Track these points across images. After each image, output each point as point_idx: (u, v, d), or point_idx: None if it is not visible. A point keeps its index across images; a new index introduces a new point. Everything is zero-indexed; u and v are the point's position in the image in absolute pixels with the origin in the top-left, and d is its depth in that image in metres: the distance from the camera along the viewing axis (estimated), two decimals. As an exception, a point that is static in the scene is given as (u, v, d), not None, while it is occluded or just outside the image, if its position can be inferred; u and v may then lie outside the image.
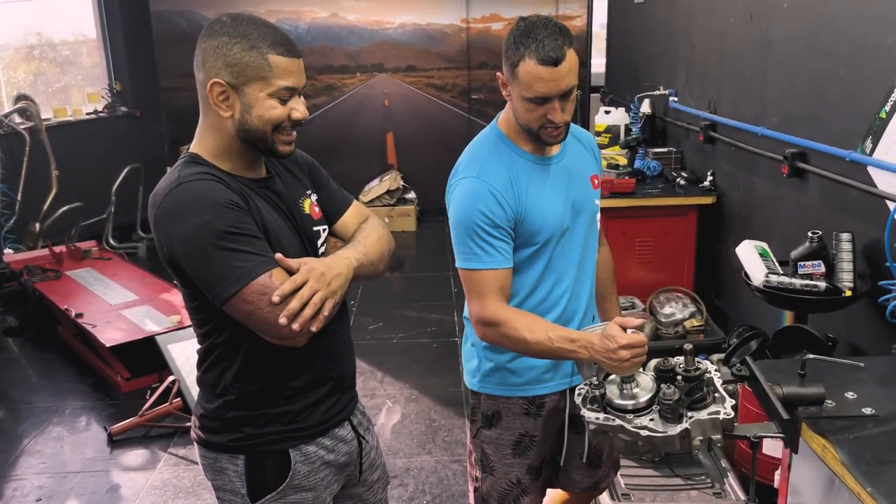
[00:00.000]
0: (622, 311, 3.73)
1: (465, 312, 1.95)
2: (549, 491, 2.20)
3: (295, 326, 1.30)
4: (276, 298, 1.30)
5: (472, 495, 2.00)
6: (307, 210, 1.54)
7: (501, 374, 1.85)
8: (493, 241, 1.68)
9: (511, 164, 1.74)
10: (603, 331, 1.55)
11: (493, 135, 1.80)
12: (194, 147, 1.44)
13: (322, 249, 1.56)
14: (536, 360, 1.82)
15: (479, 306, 1.70)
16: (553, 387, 1.85)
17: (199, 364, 1.52)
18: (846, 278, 2.45)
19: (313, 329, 1.34)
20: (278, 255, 1.36)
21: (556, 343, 1.61)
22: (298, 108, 1.40)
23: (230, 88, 1.36)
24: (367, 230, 1.60)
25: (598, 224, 1.91)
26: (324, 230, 1.58)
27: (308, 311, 1.32)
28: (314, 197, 1.58)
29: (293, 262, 1.36)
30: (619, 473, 2.50)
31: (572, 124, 1.92)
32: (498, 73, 1.74)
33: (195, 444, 1.57)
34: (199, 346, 1.51)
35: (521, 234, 1.73)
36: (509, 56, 1.65)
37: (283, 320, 1.29)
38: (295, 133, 1.44)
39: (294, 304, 1.31)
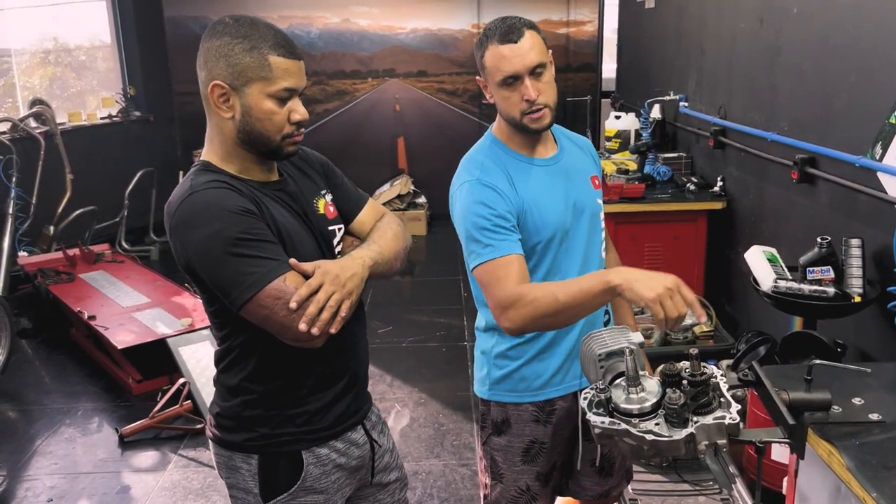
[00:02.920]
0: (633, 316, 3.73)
1: (477, 322, 1.95)
2: (559, 499, 2.19)
3: (315, 331, 1.32)
4: (293, 304, 1.31)
5: (482, 502, 2.00)
6: (322, 210, 1.55)
7: (511, 382, 1.84)
8: (499, 230, 1.67)
9: (508, 166, 1.75)
10: None
11: (489, 141, 1.82)
12: (205, 154, 1.46)
13: (339, 249, 1.57)
14: (546, 366, 1.82)
15: (497, 292, 1.63)
16: (563, 389, 1.85)
17: (217, 364, 1.53)
18: (855, 284, 2.44)
19: (332, 331, 1.35)
20: (292, 261, 1.37)
21: (585, 283, 1.55)
22: (297, 110, 1.41)
23: (230, 90, 1.37)
24: (383, 228, 1.61)
25: (603, 224, 1.90)
26: (339, 229, 1.59)
27: (326, 315, 1.33)
28: (329, 197, 1.59)
29: (307, 266, 1.37)
30: (630, 480, 2.49)
31: (567, 131, 1.94)
32: (477, 78, 1.79)
33: (210, 442, 1.58)
34: (217, 348, 1.53)
35: (522, 233, 1.73)
36: (477, 52, 1.72)
37: (303, 326, 1.31)
38: (302, 132, 1.45)
39: (311, 308, 1.32)
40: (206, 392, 3.53)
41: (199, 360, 3.69)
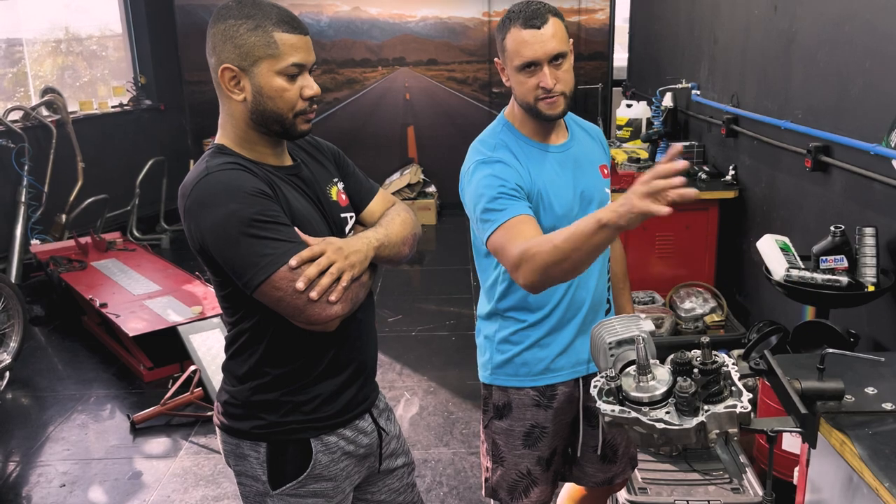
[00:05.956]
0: (642, 307, 3.72)
1: (479, 309, 1.95)
2: (566, 485, 2.19)
3: (313, 294, 1.32)
4: (300, 285, 1.31)
5: (483, 486, 2.01)
6: (334, 197, 1.56)
7: (512, 366, 1.85)
8: (508, 196, 1.65)
9: (519, 149, 1.75)
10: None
11: (501, 125, 1.82)
12: (219, 138, 1.46)
13: (350, 236, 1.57)
14: (548, 352, 1.83)
15: (508, 253, 1.57)
16: (565, 375, 1.86)
17: (227, 350, 1.54)
18: (869, 273, 2.42)
19: (332, 298, 1.34)
20: (297, 230, 1.37)
21: (578, 224, 1.46)
22: (309, 85, 1.41)
23: (240, 71, 1.37)
24: (391, 215, 1.62)
25: None
26: (351, 217, 1.59)
27: (325, 280, 1.34)
28: (341, 185, 1.59)
29: (313, 241, 1.38)
30: (636, 468, 2.49)
31: (578, 118, 1.93)
32: (496, 59, 1.78)
33: (217, 430, 1.58)
34: (227, 334, 1.53)
35: None
36: (499, 34, 1.71)
37: (300, 285, 1.31)
38: (315, 109, 1.45)
39: (311, 270, 1.32)
40: (217, 379, 3.55)
41: (209, 347, 3.71)
